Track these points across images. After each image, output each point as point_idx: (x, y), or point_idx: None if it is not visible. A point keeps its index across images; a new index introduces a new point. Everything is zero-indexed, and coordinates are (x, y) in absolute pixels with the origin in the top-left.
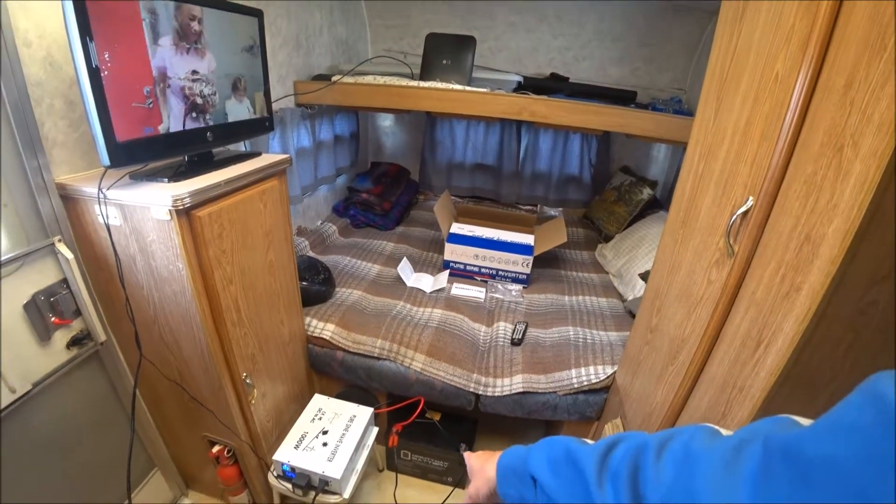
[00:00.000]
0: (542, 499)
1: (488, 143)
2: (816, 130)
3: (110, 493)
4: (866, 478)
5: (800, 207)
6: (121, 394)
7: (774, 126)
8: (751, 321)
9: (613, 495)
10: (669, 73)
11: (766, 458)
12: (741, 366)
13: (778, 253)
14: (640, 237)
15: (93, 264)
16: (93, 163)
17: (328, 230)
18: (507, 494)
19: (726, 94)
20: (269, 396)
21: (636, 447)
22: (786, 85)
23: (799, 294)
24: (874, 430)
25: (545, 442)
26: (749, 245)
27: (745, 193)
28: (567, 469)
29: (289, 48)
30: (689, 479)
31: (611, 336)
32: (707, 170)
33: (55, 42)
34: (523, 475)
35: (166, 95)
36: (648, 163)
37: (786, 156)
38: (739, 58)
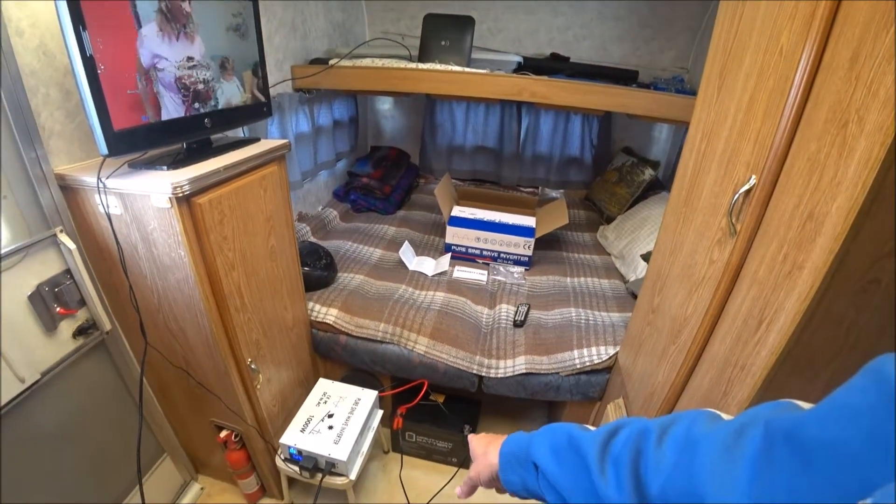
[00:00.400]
0: (543, 485)
1: (488, 125)
2: (821, 107)
3: (121, 478)
4: (868, 461)
5: (803, 185)
6: (128, 381)
7: (778, 103)
8: (752, 300)
9: (615, 481)
10: (672, 52)
11: (767, 441)
12: (743, 345)
13: (780, 231)
14: (642, 218)
15: (95, 254)
16: (91, 152)
17: (329, 215)
18: (509, 481)
19: (729, 71)
20: (274, 381)
21: (637, 433)
22: (790, 60)
23: (801, 272)
24: (877, 412)
25: (547, 429)
26: (751, 224)
27: (747, 172)
28: (569, 455)
29: (285, 31)
30: (689, 463)
31: (613, 317)
32: (709, 149)
33: (48, 30)
34: (525, 462)
35: (161, 82)
36: (650, 143)
37: (789, 133)
38: (743, 34)
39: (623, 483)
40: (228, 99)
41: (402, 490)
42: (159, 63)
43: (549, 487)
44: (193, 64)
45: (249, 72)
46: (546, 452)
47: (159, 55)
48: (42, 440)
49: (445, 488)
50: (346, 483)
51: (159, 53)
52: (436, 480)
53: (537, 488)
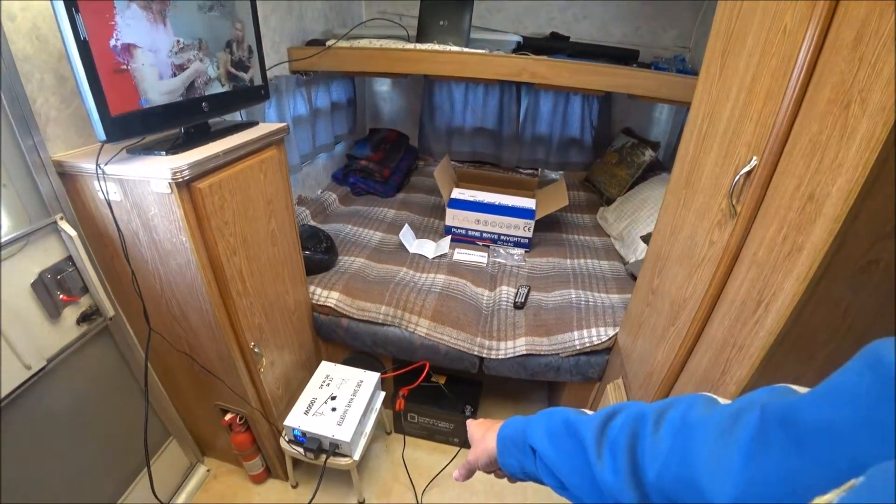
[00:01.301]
0: (541, 468)
1: (488, 107)
2: (824, 87)
3: (129, 462)
4: (861, 443)
5: (804, 167)
6: (133, 367)
7: (781, 83)
8: (752, 281)
9: (612, 464)
10: (673, 31)
11: (762, 425)
12: (741, 325)
13: (781, 213)
14: (642, 200)
15: (97, 240)
16: (88, 138)
17: (328, 199)
18: (507, 465)
19: (732, 51)
20: (277, 364)
21: (634, 417)
22: (794, 39)
23: (801, 254)
24: (871, 395)
25: (544, 413)
26: (752, 205)
27: (748, 153)
28: (566, 439)
29: (281, 12)
30: (684, 448)
31: (612, 298)
32: (711, 129)
33: (40, 14)
34: (523, 446)
35: (155, 64)
36: (650, 124)
37: (791, 114)
38: (746, 13)
39: (620, 466)
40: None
41: (405, 470)
42: (155, 44)
43: (547, 470)
44: (182, 47)
45: (224, 52)
46: (543, 436)
47: (152, 37)
48: (50, 425)
49: (448, 468)
50: (350, 463)
51: (152, 35)
52: (438, 460)
53: (535, 471)
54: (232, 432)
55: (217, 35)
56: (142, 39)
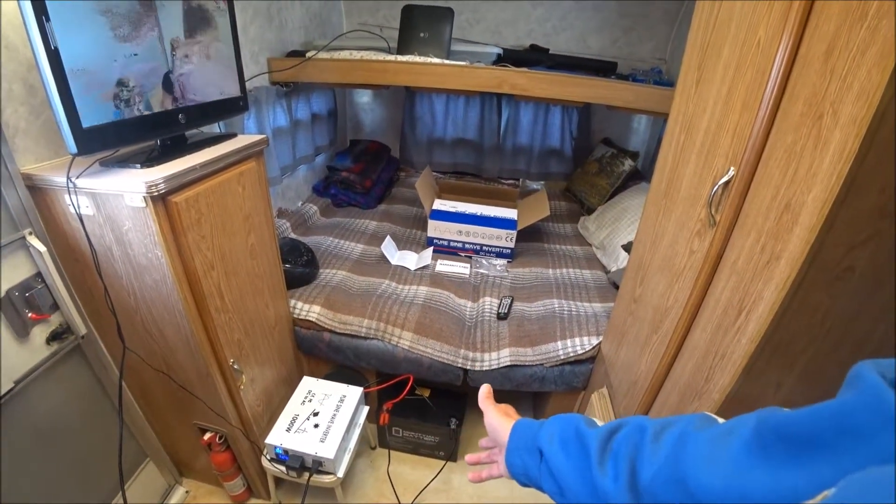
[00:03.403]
0: (544, 472)
1: (468, 118)
2: (797, 99)
3: (103, 486)
4: (852, 451)
5: (780, 177)
6: (107, 386)
7: (756, 95)
8: (732, 289)
9: (613, 473)
10: (650, 43)
11: (757, 432)
12: (723, 333)
13: (758, 222)
14: (623, 209)
15: (68, 256)
16: (59, 150)
17: (309, 211)
18: (512, 463)
19: (707, 63)
20: (257, 381)
21: (637, 430)
22: (767, 53)
23: (779, 262)
24: (856, 408)
25: (558, 419)
26: (730, 215)
27: (726, 164)
28: (575, 447)
29: (260, 22)
30: (680, 453)
31: (595, 307)
32: (688, 141)
33: (9, 22)
34: (532, 448)
35: (131, 74)
36: (629, 134)
37: (766, 125)
38: (721, 27)
39: (620, 475)
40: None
41: (390, 485)
42: (127, 52)
43: (549, 475)
44: None
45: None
46: (555, 441)
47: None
48: (19, 449)
49: (433, 483)
50: (334, 481)
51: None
52: (424, 475)
53: (537, 475)
54: (211, 452)
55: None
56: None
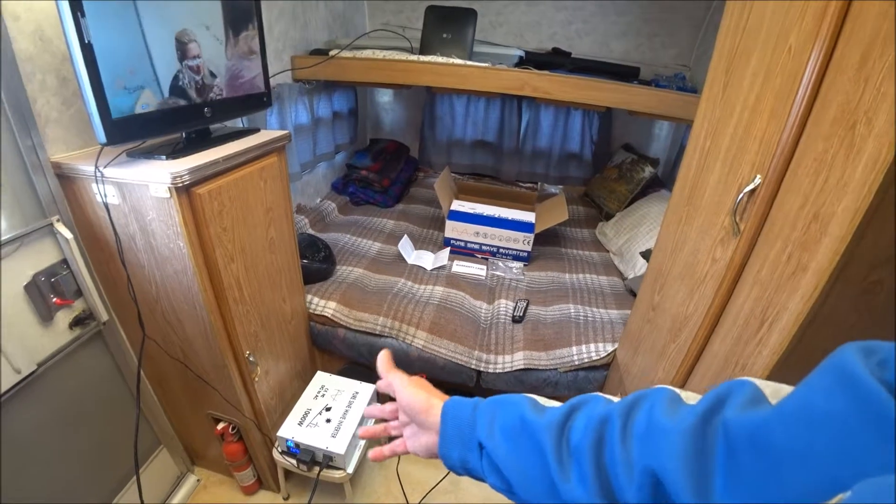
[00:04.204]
0: (487, 467)
1: (489, 120)
2: (829, 107)
3: (118, 469)
4: (842, 467)
5: (809, 186)
6: (125, 373)
7: (785, 102)
8: (755, 300)
9: (578, 475)
10: (673, 49)
11: (728, 444)
12: (744, 344)
13: (785, 231)
14: (642, 215)
15: (93, 244)
16: (88, 140)
17: (328, 208)
18: (448, 457)
19: (735, 69)
20: (272, 374)
21: (598, 421)
22: (799, 60)
23: (805, 273)
24: (848, 419)
25: (496, 403)
26: (755, 223)
27: (752, 171)
28: (525, 442)
29: (285, 21)
30: (652, 455)
31: (611, 314)
32: (713, 147)
33: (45, 14)
34: (469, 440)
35: (161, 69)
36: (650, 140)
37: (796, 133)
38: (750, 32)
39: (587, 478)
40: None
41: (398, 484)
42: (161, 45)
43: (494, 470)
44: (188, 42)
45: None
46: (496, 433)
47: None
48: (38, 431)
49: (442, 483)
50: (344, 476)
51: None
52: (432, 474)
53: (479, 469)
54: (224, 442)
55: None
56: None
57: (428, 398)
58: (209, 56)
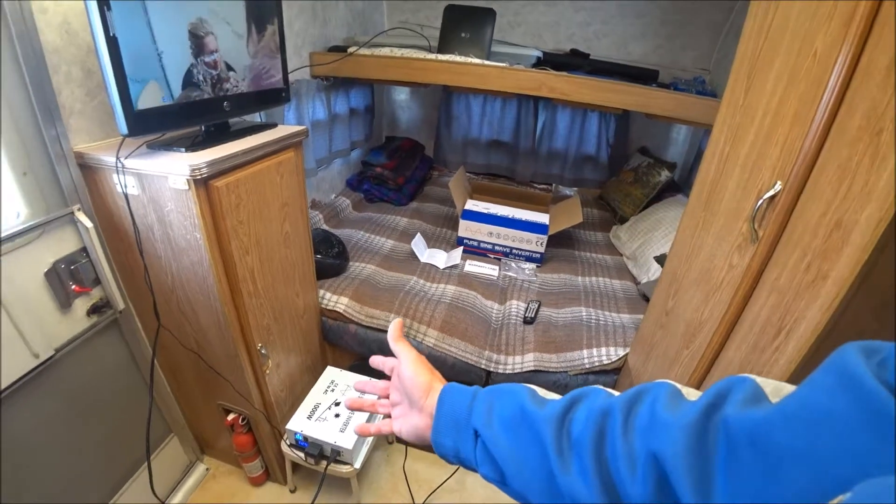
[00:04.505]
0: (480, 456)
1: (505, 120)
2: (854, 113)
3: (129, 456)
4: (843, 468)
5: (831, 193)
6: (139, 361)
7: (809, 108)
8: (772, 308)
9: (579, 469)
10: (693, 52)
11: (730, 444)
12: (759, 352)
13: (805, 239)
14: (657, 220)
15: (111, 233)
16: (110, 132)
17: (342, 204)
18: (440, 445)
19: (758, 73)
20: (283, 367)
21: (600, 413)
22: (824, 64)
23: (825, 282)
24: (850, 419)
25: (495, 391)
26: (774, 230)
27: (772, 177)
28: (524, 432)
29: (305, 17)
30: (661, 469)
31: (623, 318)
32: (733, 152)
33: (71, 8)
34: (465, 428)
35: (183, 61)
36: (667, 144)
37: (819, 139)
38: (774, 36)
39: (587, 470)
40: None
41: (405, 481)
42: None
43: (488, 459)
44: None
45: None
46: (493, 421)
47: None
48: (53, 416)
49: (447, 482)
50: (351, 471)
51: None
52: (438, 473)
53: (471, 458)
54: (233, 433)
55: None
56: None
57: (430, 380)
58: (228, 51)
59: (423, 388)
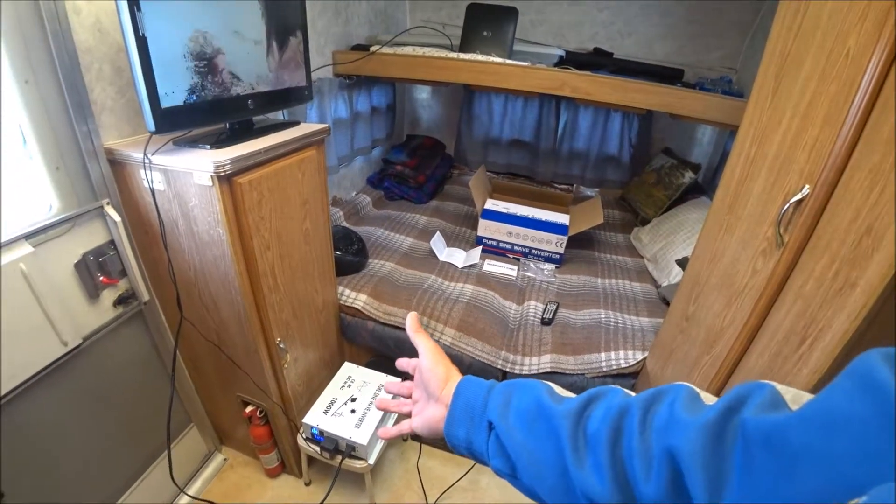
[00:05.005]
0: (493, 449)
1: (526, 119)
2: (888, 115)
3: (150, 443)
4: (859, 472)
5: (862, 198)
6: (162, 352)
7: (840, 109)
8: (796, 315)
9: (593, 464)
10: (719, 51)
11: (746, 445)
12: (783, 361)
13: (833, 245)
14: (679, 222)
15: (138, 227)
16: (138, 128)
17: (362, 201)
18: (453, 436)
19: (786, 74)
20: (300, 361)
21: (618, 410)
22: (858, 64)
23: (853, 290)
24: (869, 424)
25: (513, 385)
26: (801, 236)
27: (800, 181)
28: (540, 426)
29: (328, 16)
30: (675, 465)
31: (643, 321)
32: (759, 154)
33: (103, 8)
34: (479, 419)
35: (211, 62)
36: (692, 145)
37: (850, 142)
38: (804, 35)
39: (602, 467)
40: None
41: (418, 478)
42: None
43: (500, 453)
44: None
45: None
46: (510, 415)
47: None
48: (79, 403)
49: (461, 481)
50: (365, 467)
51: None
52: (452, 472)
53: (483, 451)
54: (251, 425)
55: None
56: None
57: (448, 371)
58: (247, 63)
59: (441, 379)
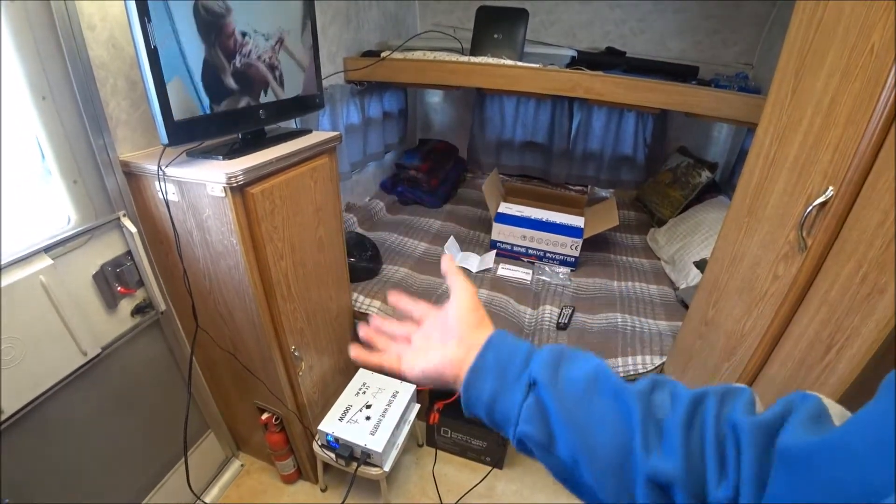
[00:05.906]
0: (529, 413)
1: (539, 121)
2: None
3: (169, 450)
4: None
5: (890, 200)
6: (179, 360)
7: (866, 107)
8: (821, 322)
9: (669, 453)
10: (735, 47)
11: (783, 461)
12: (807, 369)
13: (860, 250)
14: (696, 223)
15: (153, 238)
16: (152, 141)
17: (376, 207)
18: (475, 387)
19: (807, 70)
20: (315, 369)
21: (690, 400)
22: (883, 60)
23: (882, 296)
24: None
25: (562, 350)
26: (825, 240)
27: (823, 182)
28: (602, 397)
29: (339, 23)
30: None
31: (660, 325)
32: (780, 154)
33: (117, 24)
34: (517, 376)
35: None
36: (708, 144)
37: (877, 141)
38: (826, 30)
39: (676, 454)
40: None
41: (433, 485)
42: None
43: (539, 418)
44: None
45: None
46: (562, 381)
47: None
48: (98, 411)
49: (477, 487)
50: (380, 474)
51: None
52: (468, 478)
53: (512, 413)
54: (267, 431)
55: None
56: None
57: (483, 318)
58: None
59: (475, 324)
